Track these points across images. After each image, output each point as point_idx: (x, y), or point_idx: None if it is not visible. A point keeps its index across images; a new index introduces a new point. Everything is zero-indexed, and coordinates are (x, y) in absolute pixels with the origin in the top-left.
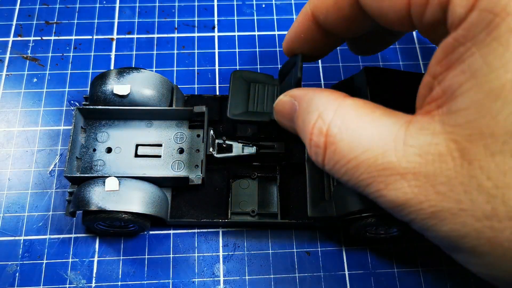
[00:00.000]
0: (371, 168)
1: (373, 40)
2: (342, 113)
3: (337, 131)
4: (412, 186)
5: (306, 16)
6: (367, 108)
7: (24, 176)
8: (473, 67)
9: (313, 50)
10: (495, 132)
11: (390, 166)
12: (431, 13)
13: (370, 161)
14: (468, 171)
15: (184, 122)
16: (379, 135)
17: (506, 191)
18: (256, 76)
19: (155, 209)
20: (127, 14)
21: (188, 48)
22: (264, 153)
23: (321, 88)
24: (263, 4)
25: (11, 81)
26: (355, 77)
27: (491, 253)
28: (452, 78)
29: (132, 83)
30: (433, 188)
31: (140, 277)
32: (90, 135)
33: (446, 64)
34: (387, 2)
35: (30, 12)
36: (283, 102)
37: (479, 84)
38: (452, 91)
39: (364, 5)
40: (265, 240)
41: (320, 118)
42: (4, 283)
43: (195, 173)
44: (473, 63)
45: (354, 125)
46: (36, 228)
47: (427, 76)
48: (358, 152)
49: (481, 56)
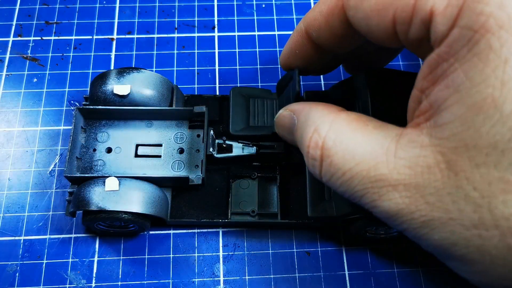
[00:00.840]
0: (365, 180)
1: (368, 61)
2: (336, 127)
3: (332, 144)
4: (404, 197)
5: (300, 33)
6: (360, 122)
7: (24, 176)
8: (456, 82)
9: (308, 65)
10: (479, 144)
11: (382, 178)
12: (415, 30)
13: (364, 173)
14: (455, 182)
15: (184, 122)
16: (371, 148)
17: (492, 200)
18: (254, 92)
19: (155, 209)
20: (127, 14)
21: (188, 48)
22: (264, 153)
23: (318, 103)
24: (263, 4)
25: (11, 81)
26: (355, 77)
27: (481, 260)
28: (438, 93)
29: (132, 83)
30: (423, 199)
31: (140, 277)
32: (90, 135)
33: (432, 79)
34: (374, 20)
35: (30, 12)
36: (283, 116)
37: (462, 98)
38: (438, 105)
39: (353, 23)
40: (265, 240)
41: (316, 132)
42: (4, 283)
43: (195, 173)
44: (456, 78)
45: (347, 139)
46: (36, 228)
47: (415, 90)
48: (352, 164)
49: (463, 71)
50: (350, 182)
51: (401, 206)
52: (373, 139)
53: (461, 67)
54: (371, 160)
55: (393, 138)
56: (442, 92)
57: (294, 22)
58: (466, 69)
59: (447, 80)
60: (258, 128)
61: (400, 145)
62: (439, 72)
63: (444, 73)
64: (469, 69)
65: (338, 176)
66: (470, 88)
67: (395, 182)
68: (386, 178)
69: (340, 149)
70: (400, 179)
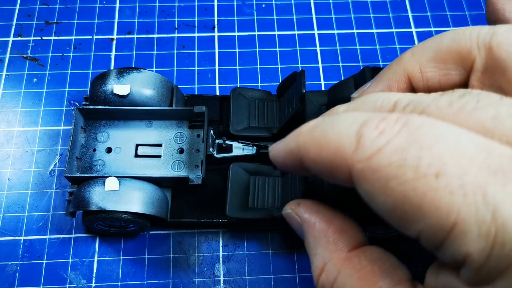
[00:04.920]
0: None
1: None
2: (345, 277)
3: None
4: None
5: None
6: (372, 279)
7: (24, 176)
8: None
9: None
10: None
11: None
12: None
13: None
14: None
15: (184, 122)
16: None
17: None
18: (255, 93)
19: (155, 209)
20: (127, 14)
21: (188, 48)
22: (264, 153)
23: (327, 224)
24: (263, 4)
25: (11, 81)
26: (355, 77)
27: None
28: None
29: (132, 83)
30: None
31: (140, 277)
32: (90, 135)
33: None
34: (393, 216)
35: (30, 12)
36: (291, 218)
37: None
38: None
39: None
40: (265, 240)
41: (324, 273)
42: (4, 283)
43: (195, 173)
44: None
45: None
46: (36, 228)
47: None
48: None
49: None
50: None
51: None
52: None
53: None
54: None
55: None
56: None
57: (294, 22)
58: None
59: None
60: (258, 128)
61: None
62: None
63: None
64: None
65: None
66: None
67: None
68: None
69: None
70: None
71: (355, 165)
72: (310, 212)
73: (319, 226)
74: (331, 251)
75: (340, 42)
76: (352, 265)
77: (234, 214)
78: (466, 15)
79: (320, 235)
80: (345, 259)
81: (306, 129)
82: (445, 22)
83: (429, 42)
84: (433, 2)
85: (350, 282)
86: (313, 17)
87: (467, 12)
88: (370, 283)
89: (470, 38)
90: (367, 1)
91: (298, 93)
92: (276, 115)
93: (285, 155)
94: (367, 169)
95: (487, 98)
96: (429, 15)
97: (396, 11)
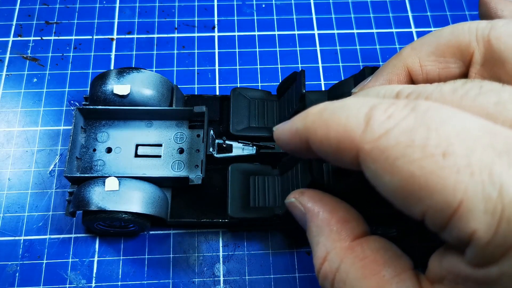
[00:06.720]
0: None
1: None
2: (347, 266)
3: (342, 286)
4: None
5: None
6: (375, 268)
7: (24, 176)
8: None
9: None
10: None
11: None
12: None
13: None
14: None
15: (184, 122)
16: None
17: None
18: (255, 93)
19: (155, 209)
20: (127, 14)
21: (188, 48)
22: (264, 153)
23: (331, 214)
24: (263, 4)
25: (11, 81)
26: (355, 77)
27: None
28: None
29: (132, 83)
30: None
31: (140, 277)
32: (90, 135)
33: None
34: (398, 197)
35: (30, 12)
36: (294, 207)
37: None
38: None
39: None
40: (265, 240)
41: (326, 262)
42: (4, 283)
43: (195, 173)
44: None
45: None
46: (36, 228)
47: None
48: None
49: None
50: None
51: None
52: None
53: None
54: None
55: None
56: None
57: (294, 22)
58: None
59: None
60: (258, 128)
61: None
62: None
63: None
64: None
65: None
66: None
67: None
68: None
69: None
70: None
71: (363, 146)
72: (314, 201)
73: (323, 216)
74: (334, 240)
75: (340, 42)
76: (355, 254)
77: (236, 214)
78: (466, 15)
79: (323, 224)
80: (348, 248)
81: (316, 110)
82: (445, 22)
83: (428, 37)
84: (433, 2)
85: (353, 271)
86: (313, 17)
87: (467, 12)
88: (373, 272)
89: (469, 31)
90: (367, 1)
91: (298, 93)
92: (276, 115)
93: (290, 135)
94: (375, 149)
95: (489, 85)
96: (429, 15)
97: (396, 11)
